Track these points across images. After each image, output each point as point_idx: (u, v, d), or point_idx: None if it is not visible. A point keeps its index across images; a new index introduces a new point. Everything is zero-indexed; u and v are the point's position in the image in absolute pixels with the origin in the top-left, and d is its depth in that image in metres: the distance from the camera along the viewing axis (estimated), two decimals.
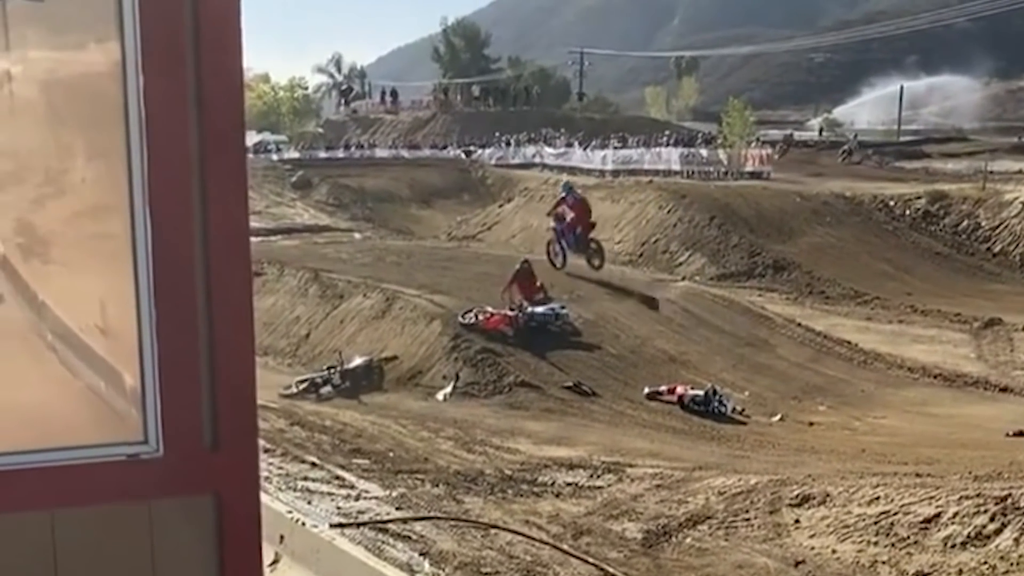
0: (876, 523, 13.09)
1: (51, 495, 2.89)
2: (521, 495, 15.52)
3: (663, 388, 21.62)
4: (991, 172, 43.96)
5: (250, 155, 70.41)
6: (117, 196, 2.83)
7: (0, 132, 2.94)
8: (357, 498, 15.10)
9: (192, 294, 2.89)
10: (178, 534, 3.03)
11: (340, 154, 70.04)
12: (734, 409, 20.90)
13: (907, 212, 38.04)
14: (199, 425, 2.97)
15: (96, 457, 2.91)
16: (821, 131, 79.03)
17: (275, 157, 67.79)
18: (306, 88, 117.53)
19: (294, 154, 69.82)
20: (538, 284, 25.69)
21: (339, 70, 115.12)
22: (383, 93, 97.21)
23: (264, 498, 12.33)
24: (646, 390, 21.72)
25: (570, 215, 28.88)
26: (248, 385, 3.03)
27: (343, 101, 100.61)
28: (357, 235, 46.05)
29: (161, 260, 2.85)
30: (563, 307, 24.69)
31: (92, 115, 2.89)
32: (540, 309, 24.30)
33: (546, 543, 13.38)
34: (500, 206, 48.02)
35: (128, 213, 2.84)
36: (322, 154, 70.12)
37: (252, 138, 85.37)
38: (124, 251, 2.86)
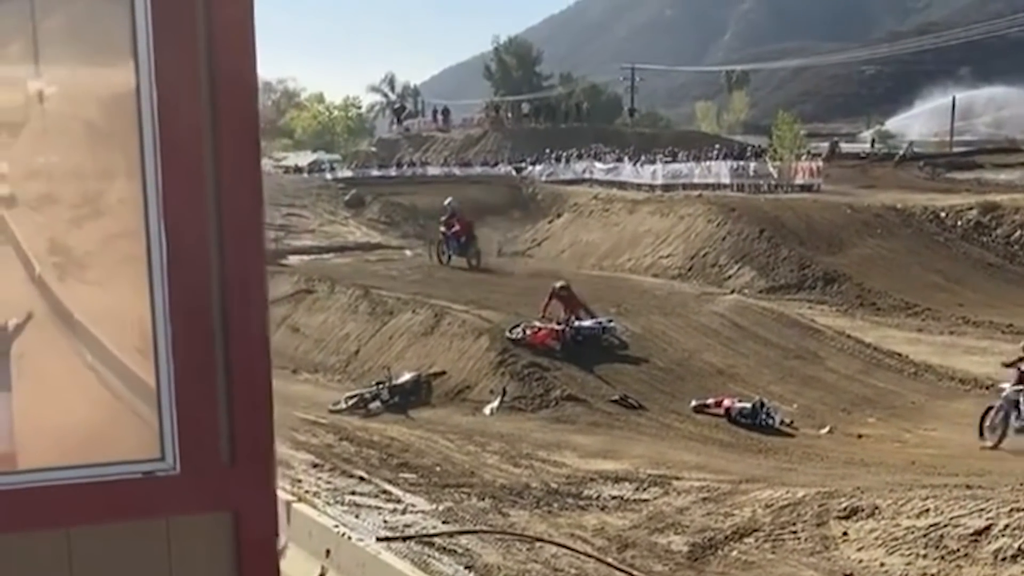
0: (925, 535, 12.98)
1: (67, 513, 2.91)
2: (566, 508, 15.53)
3: (710, 401, 21.53)
4: None
5: (304, 174, 70.95)
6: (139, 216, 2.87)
7: (32, 153, 2.98)
8: (404, 512, 15.16)
9: (207, 311, 2.91)
10: (195, 551, 3.05)
11: (392, 172, 70.11)
12: (782, 421, 20.79)
13: (959, 223, 37.62)
14: (216, 442, 2.99)
15: (112, 475, 2.93)
16: (873, 143, 78.33)
17: (328, 176, 68.01)
18: (360, 107, 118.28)
19: (347, 173, 70.01)
20: (580, 304, 25.48)
21: (392, 89, 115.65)
22: (435, 111, 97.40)
23: (310, 512, 12.47)
24: (693, 403, 21.64)
25: (456, 227, 36.14)
26: (264, 402, 3.04)
27: (396, 120, 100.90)
28: (408, 252, 46.13)
29: (176, 278, 2.87)
30: (610, 320, 24.65)
31: (118, 136, 2.93)
32: (587, 323, 24.26)
33: (591, 556, 13.37)
34: (550, 222, 47.99)
35: (143, 232, 2.88)
36: (375, 172, 70.24)
37: (307, 157, 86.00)
38: (141, 268, 2.91)
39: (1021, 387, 18.87)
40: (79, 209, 3.04)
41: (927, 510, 13.51)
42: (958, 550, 12.53)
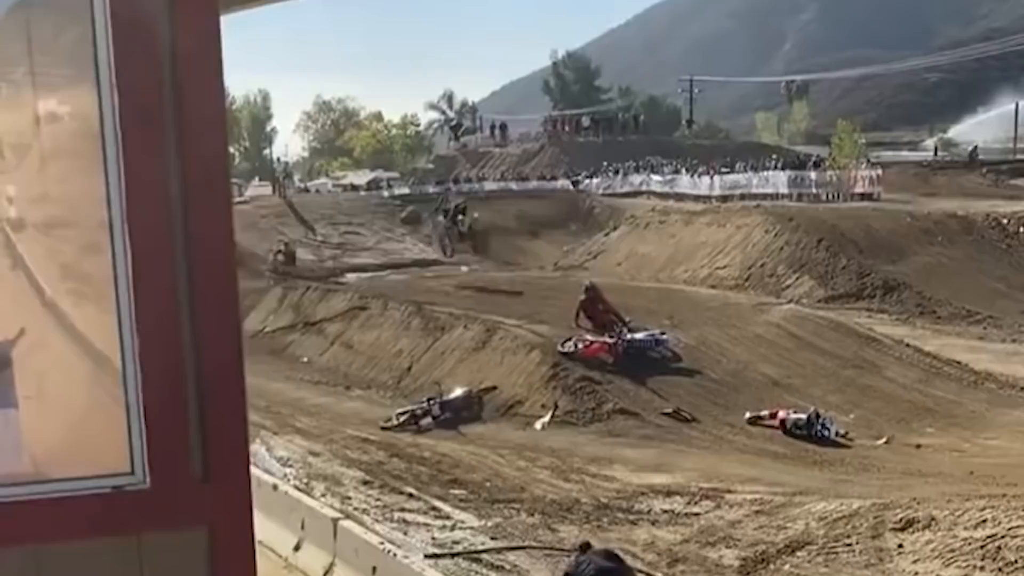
0: (983, 547, 12.80)
1: (34, 530, 2.83)
2: (616, 523, 15.47)
3: (764, 412, 21.34)
4: None
5: (362, 192, 71.33)
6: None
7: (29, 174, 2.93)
8: (452, 528, 15.16)
9: (176, 319, 2.84)
10: (169, 569, 2.95)
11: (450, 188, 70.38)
12: (838, 432, 20.53)
13: (1021, 230, 37.12)
14: (187, 455, 2.89)
15: (80, 490, 2.85)
16: (936, 151, 77.56)
17: (385, 194, 68.32)
18: (418, 125, 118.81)
19: (404, 190, 70.27)
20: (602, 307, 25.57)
21: (451, 106, 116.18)
22: (492, 127, 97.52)
23: (357, 529, 12.45)
24: (747, 415, 21.46)
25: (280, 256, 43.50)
26: (239, 413, 2.95)
27: (453, 136, 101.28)
28: (464, 268, 46.22)
29: (142, 288, 2.80)
30: (663, 333, 24.52)
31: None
32: (640, 336, 24.16)
33: (640, 571, 13.25)
34: (606, 235, 47.94)
35: (108, 238, 2.81)
36: (431, 189, 70.46)
37: (365, 176, 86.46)
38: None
39: None
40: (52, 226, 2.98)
41: (985, 521, 13.33)
42: (1016, 561, 12.34)
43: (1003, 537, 12.82)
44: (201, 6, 2.81)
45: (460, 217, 42.43)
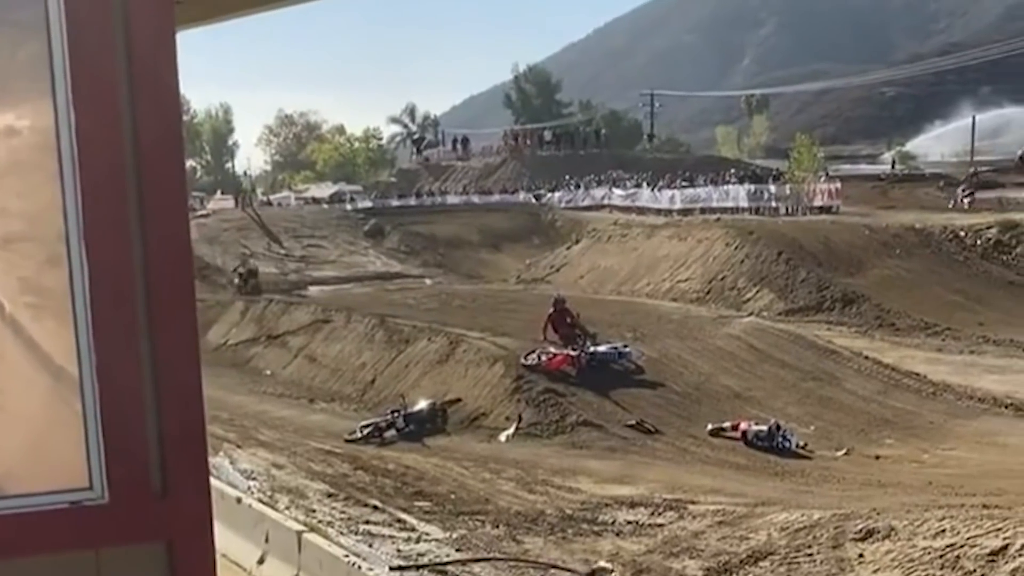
0: (942, 556, 12.84)
1: None
2: (581, 534, 15.44)
3: (726, 424, 21.43)
4: None
5: (325, 205, 71.27)
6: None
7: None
8: (418, 540, 15.12)
9: (134, 333, 2.82)
10: None
11: (412, 202, 70.32)
12: (798, 444, 20.63)
13: (978, 242, 37.45)
14: (146, 470, 2.86)
15: (37, 505, 2.81)
16: (893, 164, 78.03)
17: (348, 207, 68.29)
18: (380, 139, 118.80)
19: (367, 203, 70.24)
20: (570, 321, 25.74)
21: (413, 120, 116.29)
22: (455, 141, 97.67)
23: (321, 542, 12.43)
24: (709, 426, 21.53)
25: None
26: (198, 427, 2.93)
27: (416, 150, 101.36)
28: (428, 281, 46.28)
29: (99, 300, 2.78)
30: (626, 346, 24.60)
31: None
32: (603, 348, 24.23)
33: None
34: (568, 248, 48.06)
35: (64, 250, 2.80)
36: (394, 202, 70.40)
37: (328, 189, 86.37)
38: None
39: None
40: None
41: (944, 531, 13.37)
42: (975, 571, 12.37)
43: (962, 547, 12.87)
44: (157, 21, 2.82)
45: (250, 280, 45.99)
